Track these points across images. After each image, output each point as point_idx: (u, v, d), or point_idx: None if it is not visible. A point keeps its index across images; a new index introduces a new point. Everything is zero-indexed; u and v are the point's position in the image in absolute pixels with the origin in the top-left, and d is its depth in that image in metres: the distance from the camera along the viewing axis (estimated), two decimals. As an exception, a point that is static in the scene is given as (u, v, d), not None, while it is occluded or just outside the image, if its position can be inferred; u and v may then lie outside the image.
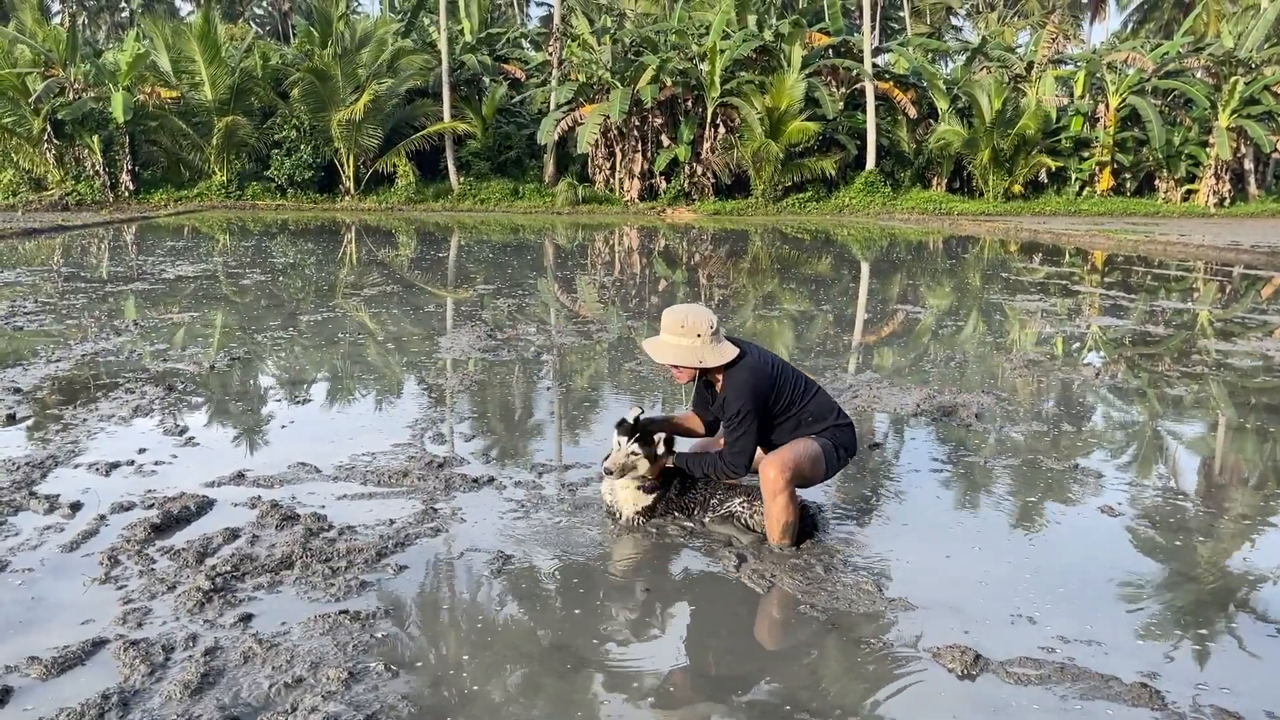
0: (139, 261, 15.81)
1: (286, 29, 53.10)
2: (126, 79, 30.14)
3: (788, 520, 4.03)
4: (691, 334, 4.04)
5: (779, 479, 3.98)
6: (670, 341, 4.09)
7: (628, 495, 4.32)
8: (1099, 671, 3.11)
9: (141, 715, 2.75)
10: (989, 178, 34.83)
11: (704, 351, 4.03)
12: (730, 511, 4.30)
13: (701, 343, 4.04)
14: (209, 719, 2.74)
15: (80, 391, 6.70)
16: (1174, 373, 8.01)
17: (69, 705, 2.80)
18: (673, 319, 4.10)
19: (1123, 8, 52.63)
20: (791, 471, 4.00)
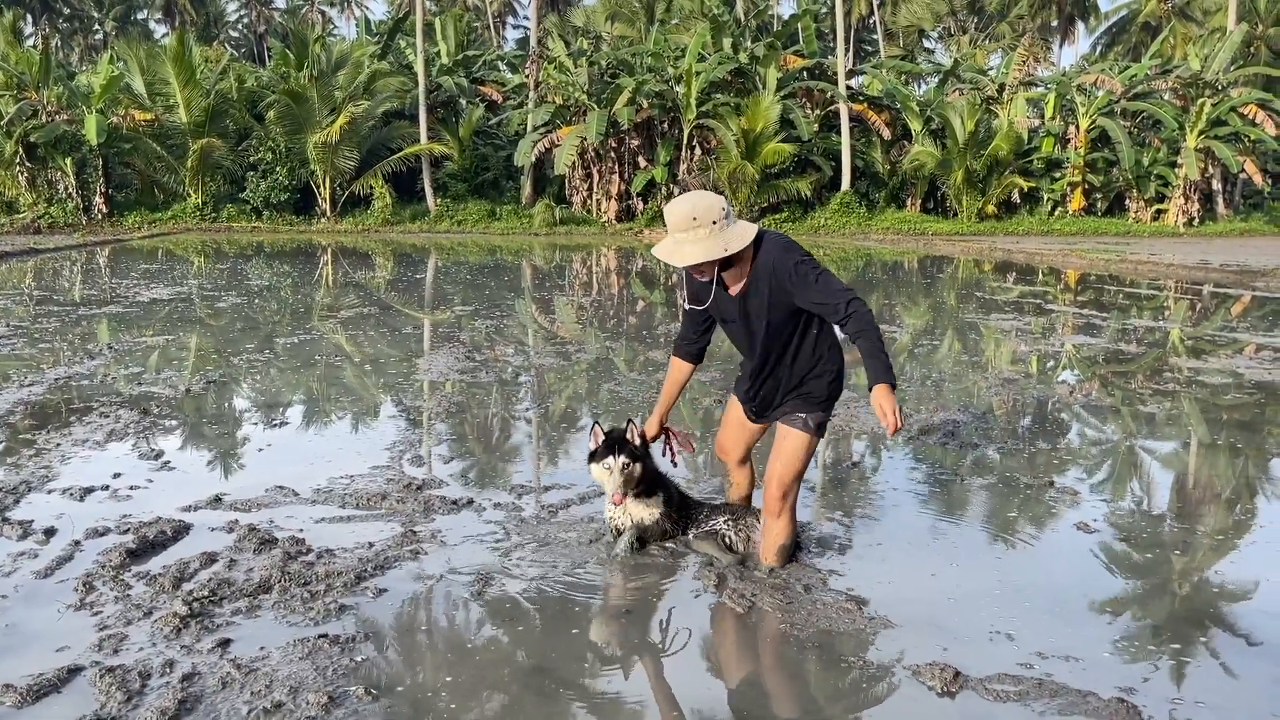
0: (113, 285, 15.69)
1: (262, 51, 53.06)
2: (100, 101, 30.00)
3: (785, 543, 4.00)
4: (706, 223, 3.56)
5: (784, 500, 3.90)
6: (686, 240, 3.59)
7: (640, 510, 4.22)
8: (1077, 687, 3.13)
9: (118, 743, 2.72)
10: (963, 198, 35.17)
11: (725, 238, 3.57)
12: (714, 529, 4.29)
13: (719, 229, 3.57)
14: (187, 746, 2.71)
15: (53, 416, 6.63)
16: (1147, 390, 8.10)
17: (44, 734, 2.77)
18: (680, 214, 3.59)
19: (1092, 31, 53.50)
20: (794, 487, 3.91)
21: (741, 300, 3.76)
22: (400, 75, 35.61)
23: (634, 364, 9.08)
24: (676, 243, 3.62)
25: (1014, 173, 35.06)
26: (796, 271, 3.60)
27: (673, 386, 4.20)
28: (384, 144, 34.44)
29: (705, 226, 3.55)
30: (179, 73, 31.13)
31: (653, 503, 4.22)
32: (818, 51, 36.75)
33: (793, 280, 3.60)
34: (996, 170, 34.79)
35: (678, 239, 3.61)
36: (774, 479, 3.88)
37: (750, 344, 3.90)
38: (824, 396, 3.89)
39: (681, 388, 4.22)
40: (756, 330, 3.80)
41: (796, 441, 3.87)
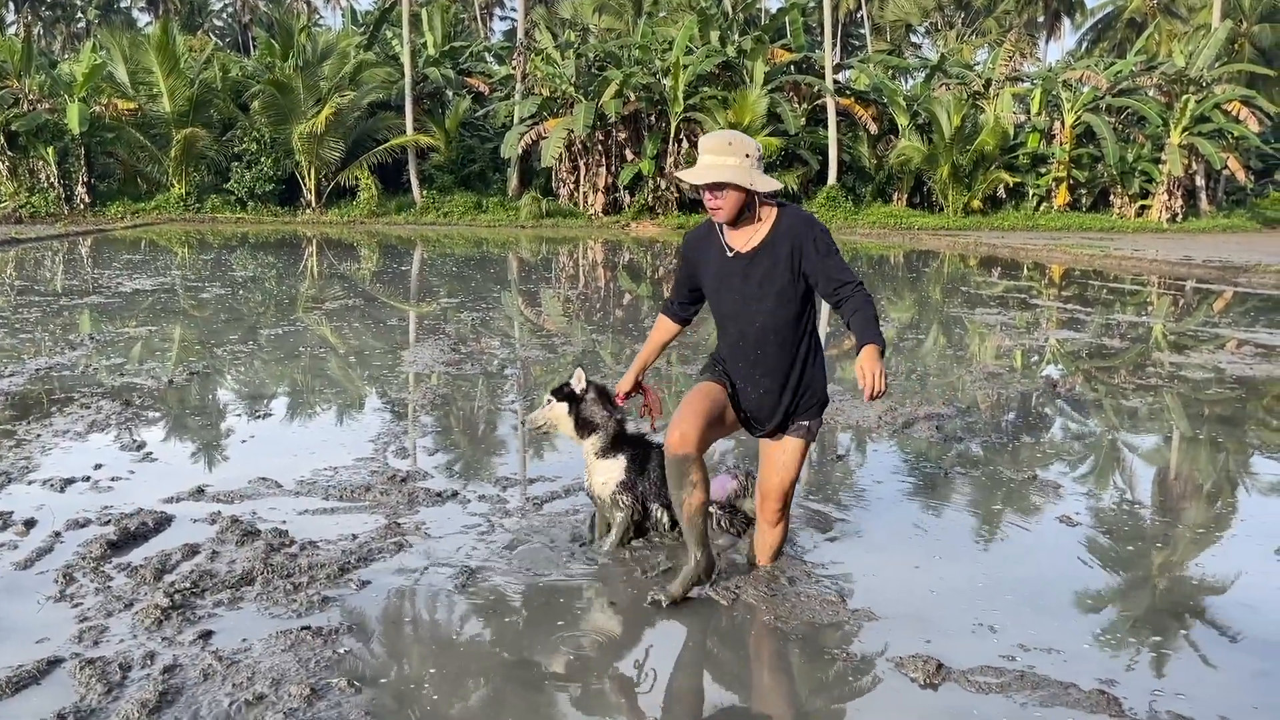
0: (95, 275, 15.58)
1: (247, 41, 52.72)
2: (83, 90, 29.76)
3: (781, 545, 3.98)
4: (739, 153, 3.47)
5: (785, 510, 3.84)
6: (717, 163, 3.47)
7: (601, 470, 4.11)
8: (1058, 679, 3.15)
9: (98, 735, 2.70)
10: (948, 193, 35.27)
11: (753, 176, 3.47)
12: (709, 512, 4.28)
13: (751, 165, 3.48)
14: (167, 738, 2.70)
15: (34, 407, 6.58)
16: (1130, 385, 8.14)
17: (23, 726, 2.75)
18: (717, 140, 3.50)
19: (1078, 27, 53.68)
20: (790, 497, 3.83)
21: (749, 260, 3.57)
22: (386, 66, 35.44)
23: (620, 357, 9.07)
24: (705, 165, 3.48)
25: (999, 168, 35.18)
26: (821, 239, 3.51)
27: (654, 345, 4.05)
28: (370, 135, 34.28)
29: (738, 156, 3.46)
30: (162, 62, 30.90)
31: (613, 465, 4.09)
32: (805, 45, 36.75)
33: (816, 245, 3.49)
34: (982, 165, 34.90)
35: (708, 162, 3.48)
36: (775, 493, 3.77)
37: (744, 315, 3.61)
38: (824, 398, 3.77)
39: (663, 348, 4.09)
40: (757, 296, 3.56)
41: (799, 451, 3.73)
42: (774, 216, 3.58)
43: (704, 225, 3.78)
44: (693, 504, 3.61)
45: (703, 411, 3.61)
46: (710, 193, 3.51)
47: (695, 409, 3.61)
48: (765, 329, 3.58)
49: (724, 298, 3.67)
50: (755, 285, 3.56)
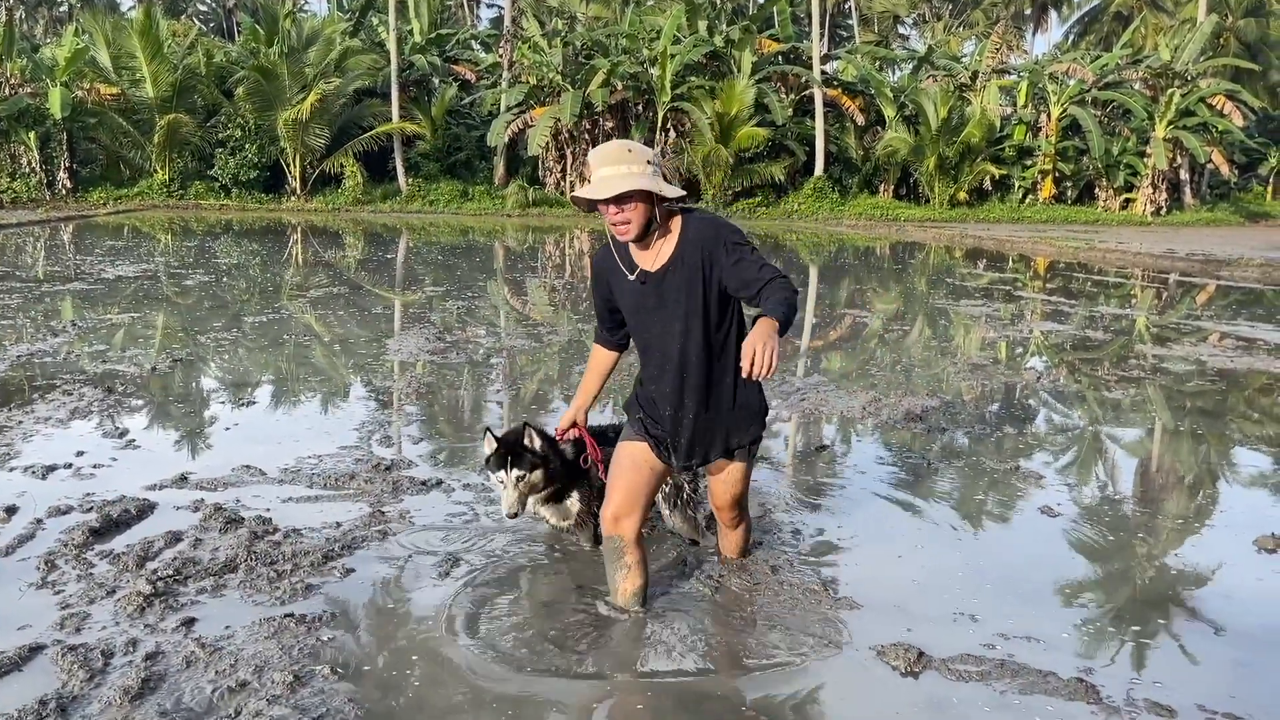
0: (77, 261, 15.47)
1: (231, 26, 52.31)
2: (65, 74, 29.49)
3: (746, 542, 3.93)
4: (640, 160, 3.12)
5: (740, 513, 3.74)
6: (618, 173, 3.10)
7: (555, 517, 3.94)
8: (1037, 667, 3.18)
9: (79, 722, 2.70)
10: (935, 185, 35.36)
11: (658, 183, 3.14)
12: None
13: (654, 170, 3.15)
14: (150, 725, 2.69)
15: (15, 393, 6.54)
16: (1113, 377, 8.19)
17: (5, 712, 2.74)
18: (615, 149, 3.15)
19: (1064, 20, 53.82)
20: (745, 502, 3.72)
21: (660, 280, 3.24)
22: (372, 53, 35.23)
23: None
24: (604, 178, 3.10)
25: (986, 160, 35.29)
26: (730, 240, 3.16)
27: (594, 377, 3.69)
28: (355, 122, 34.10)
29: (640, 164, 3.10)
30: (145, 47, 30.63)
31: (566, 507, 3.89)
32: (793, 36, 36.73)
33: (727, 248, 3.14)
34: (969, 157, 34.99)
35: (606, 174, 3.11)
36: (727, 507, 3.67)
37: (664, 339, 3.30)
38: (762, 412, 3.49)
39: (604, 378, 3.70)
40: (676, 316, 3.24)
41: (742, 471, 3.54)
42: (679, 226, 3.25)
43: (604, 249, 3.40)
44: (627, 590, 3.46)
45: (632, 486, 3.41)
46: (615, 208, 3.13)
47: (625, 483, 3.41)
48: (687, 351, 3.27)
49: (641, 324, 3.37)
50: (671, 304, 3.24)
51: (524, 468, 3.62)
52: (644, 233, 3.20)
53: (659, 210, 3.19)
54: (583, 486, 3.90)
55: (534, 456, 3.65)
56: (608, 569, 3.50)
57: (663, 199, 3.18)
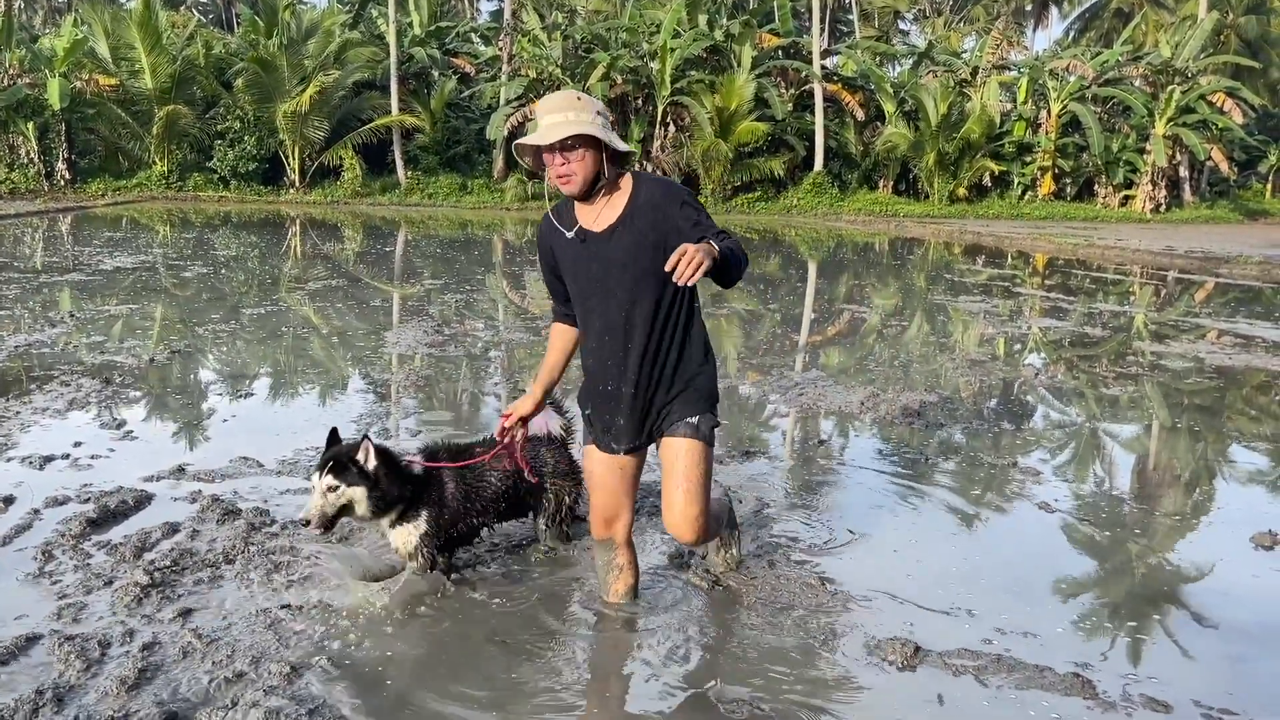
0: (75, 252, 15.44)
1: (230, 18, 52.17)
2: (63, 65, 29.42)
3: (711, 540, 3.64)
4: (589, 109, 2.98)
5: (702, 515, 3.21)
6: (564, 119, 2.95)
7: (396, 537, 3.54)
8: (1034, 662, 3.18)
9: (77, 711, 2.70)
10: (934, 181, 35.33)
11: (608, 134, 3.00)
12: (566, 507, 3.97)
13: (604, 121, 3.01)
14: (146, 715, 2.69)
15: (13, 384, 6.53)
16: (1111, 374, 8.20)
17: (2, 701, 2.74)
18: (562, 97, 3.01)
19: (1065, 16, 53.74)
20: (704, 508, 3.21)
21: (605, 240, 3.06)
22: (372, 45, 35.15)
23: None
24: (550, 125, 2.95)
25: (985, 156, 35.25)
26: (689, 205, 3.02)
27: (556, 356, 3.44)
28: (354, 115, 34.04)
29: (589, 112, 2.96)
30: (144, 38, 30.55)
31: (412, 526, 3.51)
32: (793, 30, 36.66)
33: (683, 209, 3.00)
34: (968, 153, 34.96)
35: (553, 121, 2.95)
36: (680, 502, 3.16)
37: (607, 305, 3.10)
38: (710, 394, 3.20)
39: (568, 357, 3.45)
40: (620, 282, 3.05)
41: (694, 456, 3.15)
42: (630, 187, 3.08)
43: (547, 218, 3.26)
44: (619, 590, 3.44)
45: (608, 489, 3.30)
46: (560, 156, 2.98)
47: (601, 489, 3.32)
48: (633, 317, 3.08)
49: (582, 289, 3.17)
50: (617, 268, 3.05)
51: (342, 481, 3.31)
52: (590, 187, 3.04)
53: (607, 165, 3.04)
54: (431, 514, 3.52)
55: (359, 474, 3.32)
56: (599, 569, 3.49)
57: (612, 154, 3.05)
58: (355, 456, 3.33)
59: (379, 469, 3.36)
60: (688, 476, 3.15)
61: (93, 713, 2.69)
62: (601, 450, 3.28)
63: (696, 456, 3.15)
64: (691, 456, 3.15)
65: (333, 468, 3.31)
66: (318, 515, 3.28)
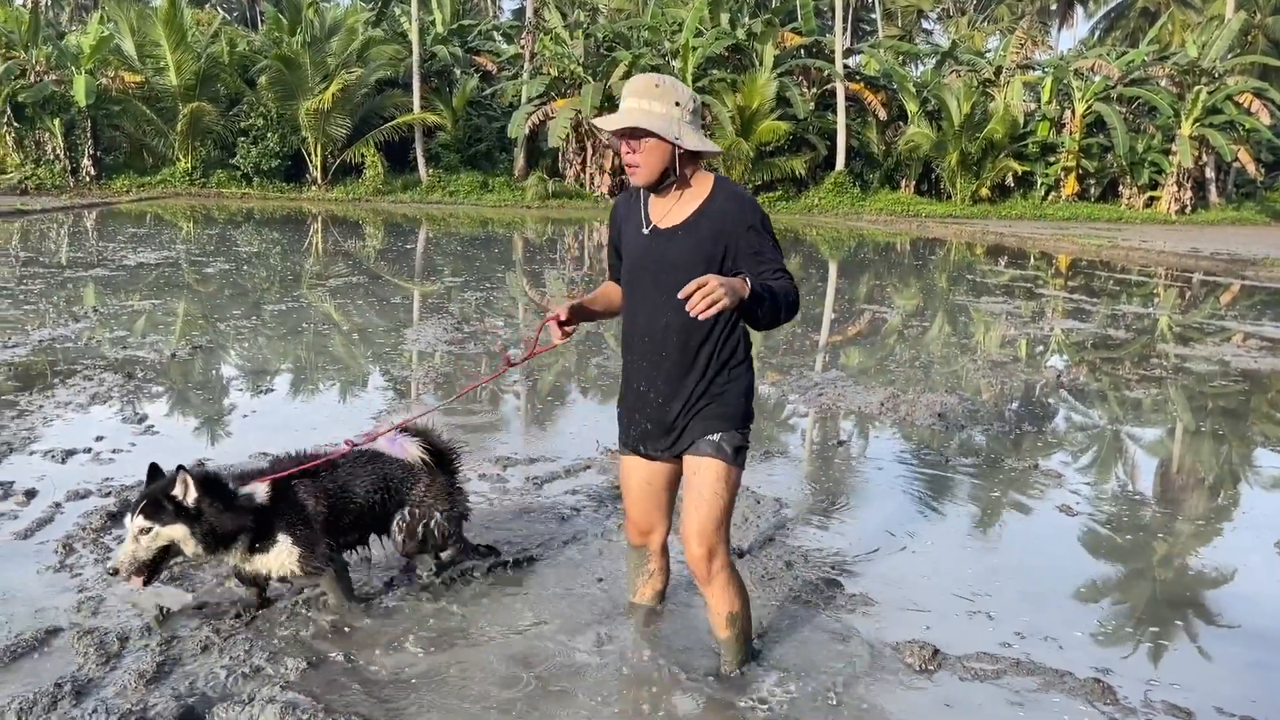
0: (100, 248, 15.57)
1: (254, 15, 52.45)
2: (89, 62, 29.66)
3: (734, 610, 3.03)
4: (667, 99, 2.79)
5: (710, 560, 2.95)
6: (638, 107, 2.79)
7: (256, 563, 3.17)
8: (1054, 667, 3.15)
9: (95, 704, 2.71)
10: (957, 181, 35.12)
11: (682, 129, 2.79)
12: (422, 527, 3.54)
13: (681, 114, 2.80)
14: (164, 708, 2.71)
15: (37, 378, 6.59)
16: (1134, 376, 8.12)
17: (21, 693, 2.75)
18: (643, 81, 2.83)
19: (1090, 15, 53.31)
20: (721, 538, 2.96)
21: (667, 239, 2.90)
22: (394, 43, 35.26)
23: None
24: (623, 110, 2.81)
25: (1008, 156, 35.01)
26: (760, 227, 2.83)
27: (598, 292, 3.23)
28: (377, 112, 34.16)
29: (665, 103, 2.78)
30: (170, 35, 30.76)
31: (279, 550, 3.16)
32: (815, 29, 36.53)
33: (753, 231, 2.82)
34: (991, 153, 34.73)
35: (629, 106, 2.81)
36: (692, 535, 2.93)
37: (653, 306, 2.93)
38: (738, 411, 2.96)
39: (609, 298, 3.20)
40: (670, 285, 2.76)
41: (712, 475, 2.92)
42: (708, 189, 2.90)
43: (628, 192, 3.09)
44: (647, 593, 3.40)
45: (641, 501, 3.18)
46: (626, 144, 2.82)
47: (635, 501, 3.20)
48: (672, 327, 2.89)
49: (635, 278, 3.01)
50: (670, 269, 2.86)
51: (155, 521, 2.97)
52: (657, 181, 2.87)
53: (680, 161, 2.83)
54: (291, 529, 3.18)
55: (176, 511, 2.99)
56: (629, 570, 3.46)
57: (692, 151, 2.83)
58: (172, 492, 2.99)
59: (203, 501, 3.01)
60: (701, 499, 2.92)
61: (111, 706, 2.71)
62: (630, 453, 3.14)
63: (713, 476, 2.91)
64: (707, 476, 2.92)
65: (145, 507, 2.97)
66: (127, 562, 2.94)
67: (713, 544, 2.93)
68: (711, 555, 2.94)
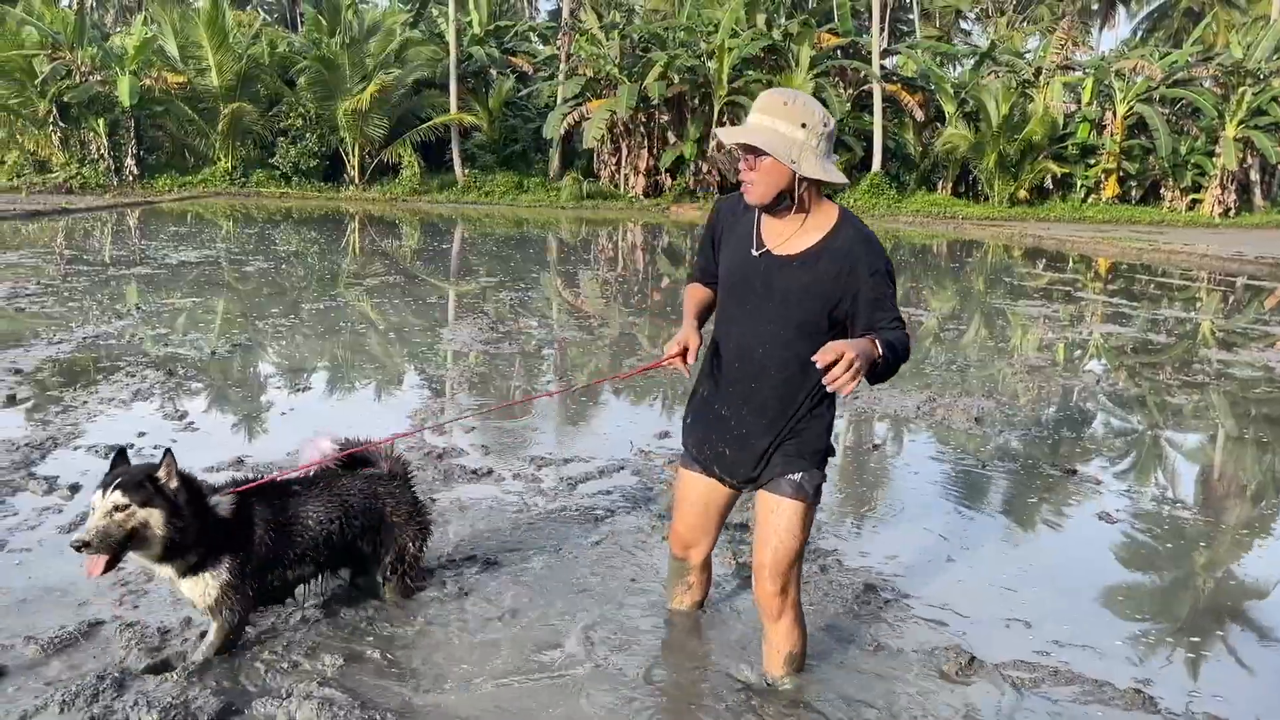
0: (142, 246, 15.81)
1: (294, 17, 53.02)
2: (133, 63, 30.11)
3: (794, 650, 3.00)
4: (794, 119, 2.61)
5: (783, 596, 2.89)
6: (762, 123, 2.64)
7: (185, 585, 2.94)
8: (1093, 676, 3.11)
9: (136, 697, 2.75)
10: (994, 182, 34.78)
11: (803, 152, 2.61)
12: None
13: (806, 137, 2.61)
14: (204, 703, 2.74)
15: (81, 374, 6.70)
16: (1175, 382, 8.00)
17: (64, 685, 2.80)
18: (773, 97, 2.67)
19: (1132, 15, 52.60)
20: (794, 576, 2.90)
21: (779, 267, 2.74)
22: (432, 44, 35.49)
23: (657, 340, 9.06)
24: (746, 124, 2.69)
25: (1048, 158, 34.62)
26: (882, 276, 2.67)
27: (693, 304, 3.03)
28: (414, 113, 34.39)
29: (792, 123, 2.61)
30: (212, 36, 31.17)
31: (212, 575, 2.92)
32: (852, 30, 36.32)
33: (875, 283, 2.65)
34: (1030, 155, 34.36)
35: (753, 121, 2.67)
36: (765, 571, 2.87)
37: (751, 331, 2.80)
38: (820, 447, 2.86)
39: (706, 307, 3.04)
40: (775, 317, 2.74)
41: (792, 515, 2.83)
42: (832, 222, 2.73)
43: (739, 197, 2.87)
44: (685, 602, 3.40)
45: (689, 517, 3.13)
46: (744, 159, 2.68)
47: (685, 514, 3.14)
48: (768, 360, 2.78)
49: (735, 302, 2.86)
50: (777, 302, 2.72)
51: (134, 499, 2.78)
52: (772, 203, 2.70)
53: (800, 187, 2.66)
54: (236, 561, 2.97)
55: (158, 494, 2.82)
56: (669, 578, 3.43)
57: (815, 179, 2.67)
58: (155, 474, 2.84)
59: (181, 492, 2.86)
60: (778, 537, 2.84)
61: (152, 699, 2.75)
62: (694, 470, 3.05)
63: (793, 516, 2.83)
64: (786, 515, 2.83)
65: (122, 484, 2.78)
66: (98, 536, 2.71)
67: (786, 581, 2.87)
68: (784, 592, 2.88)
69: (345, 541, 3.26)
